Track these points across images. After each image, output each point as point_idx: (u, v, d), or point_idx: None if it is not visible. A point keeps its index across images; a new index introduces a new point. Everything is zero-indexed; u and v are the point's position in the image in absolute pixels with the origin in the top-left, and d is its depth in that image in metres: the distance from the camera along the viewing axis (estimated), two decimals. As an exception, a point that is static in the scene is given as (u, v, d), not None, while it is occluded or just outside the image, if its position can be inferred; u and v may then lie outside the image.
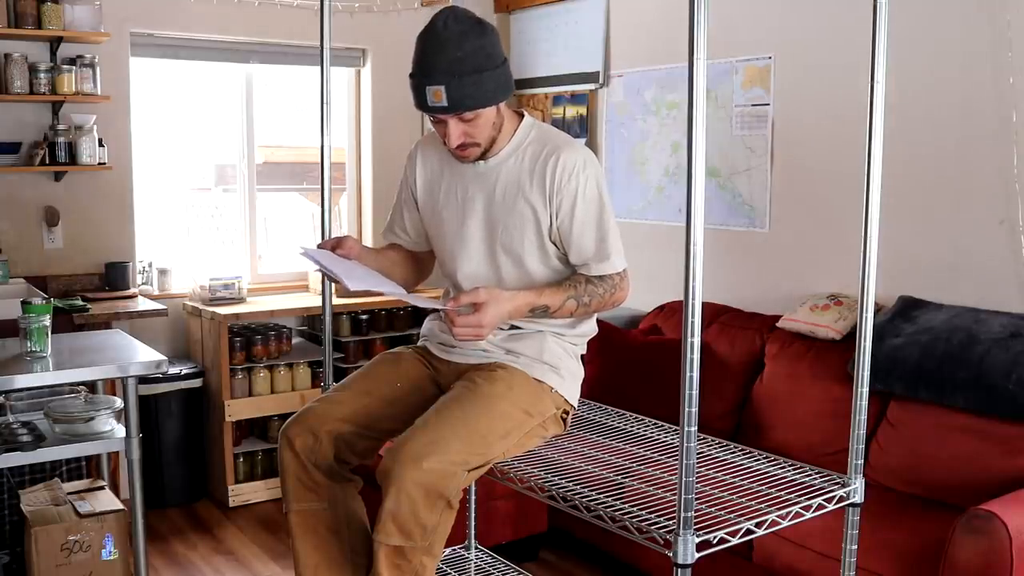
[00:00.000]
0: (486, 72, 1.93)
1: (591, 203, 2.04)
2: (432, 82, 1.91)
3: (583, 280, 2.05)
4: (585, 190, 2.04)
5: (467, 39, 1.91)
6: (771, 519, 1.68)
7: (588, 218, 2.04)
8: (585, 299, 2.04)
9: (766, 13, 3.83)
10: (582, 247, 2.05)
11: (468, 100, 1.93)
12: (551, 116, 4.85)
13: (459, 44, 1.90)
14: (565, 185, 2.03)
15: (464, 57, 1.90)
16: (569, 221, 2.04)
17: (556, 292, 2.02)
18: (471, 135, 2.01)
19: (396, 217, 2.33)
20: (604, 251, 2.05)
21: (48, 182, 4.15)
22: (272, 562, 3.71)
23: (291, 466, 2.07)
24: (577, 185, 2.03)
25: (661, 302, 4.12)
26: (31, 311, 2.69)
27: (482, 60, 1.93)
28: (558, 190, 2.03)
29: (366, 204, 5.06)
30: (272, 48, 4.64)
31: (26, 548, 2.79)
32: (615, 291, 2.08)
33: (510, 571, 2.64)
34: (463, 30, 1.91)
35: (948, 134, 3.24)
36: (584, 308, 2.06)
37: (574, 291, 2.04)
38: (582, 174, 2.04)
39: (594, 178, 2.06)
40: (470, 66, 1.91)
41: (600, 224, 2.05)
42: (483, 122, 2.00)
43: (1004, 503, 2.43)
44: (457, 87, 1.91)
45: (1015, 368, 2.78)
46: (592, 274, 2.06)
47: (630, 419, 2.30)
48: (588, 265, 2.06)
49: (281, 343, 4.42)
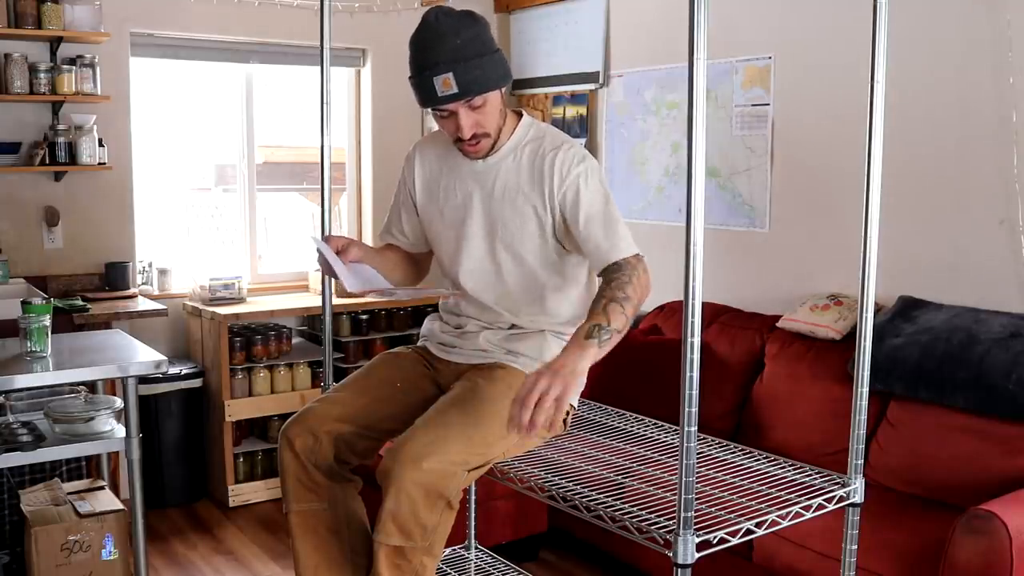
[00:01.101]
0: (487, 56, 1.95)
1: (594, 195, 2.02)
2: (439, 71, 1.92)
3: (605, 286, 1.94)
4: (587, 182, 2.02)
5: (463, 28, 1.94)
6: (771, 519, 1.68)
7: (593, 210, 2.01)
8: (620, 294, 1.88)
9: (766, 13, 3.84)
10: (590, 237, 2.00)
11: (477, 83, 1.94)
12: (551, 116, 4.85)
13: (456, 33, 1.93)
14: (566, 180, 2.02)
15: (464, 44, 1.93)
16: (575, 215, 2.02)
17: (598, 312, 1.86)
18: (482, 124, 2.01)
19: (394, 219, 2.33)
20: (614, 237, 1.99)
21: (48, 182, 4.15)
22: (272, 562, 3.71)
23: (291, 466, 2.07)
24: (578, 179, 2.02)
25: (661, 302, 4.12)
26: (31, 311, 2.69)
27: (480, 46, 1.95)
28: (559, 186, 2.03)
29: (366, 204, 5.06)
30: (272, 48, 4.64)
31: (26, 548, 2.79)
32: (638, 273, 1.94)
33: (510, 571, 2.64)
34: (456, 21, 1.95)
35: (948, 134, 3.24)
36: (630, 304, 1.88)
37: (608, 297, 1.88)
38: (580, 166, 2.03)
39: (594, 171, 2.05)
40: (472, 51, 1.93)
41: (606, 213, 2.01)
42: (491, 109, 2.01)
43: (1004, 503, 2.43)
44: (464, 71, 1.92)
45: (1015, 368, 2.78)
46: (608, 262, 1.98)
47: (630, 419, 2.30)
48: (601, 255, 2.00)
49: (281, 343, 4.42)
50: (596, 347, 1.79)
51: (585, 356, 1.78)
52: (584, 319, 2.11)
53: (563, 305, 2.15)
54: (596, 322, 1.82)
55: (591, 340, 1.79)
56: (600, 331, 1.81)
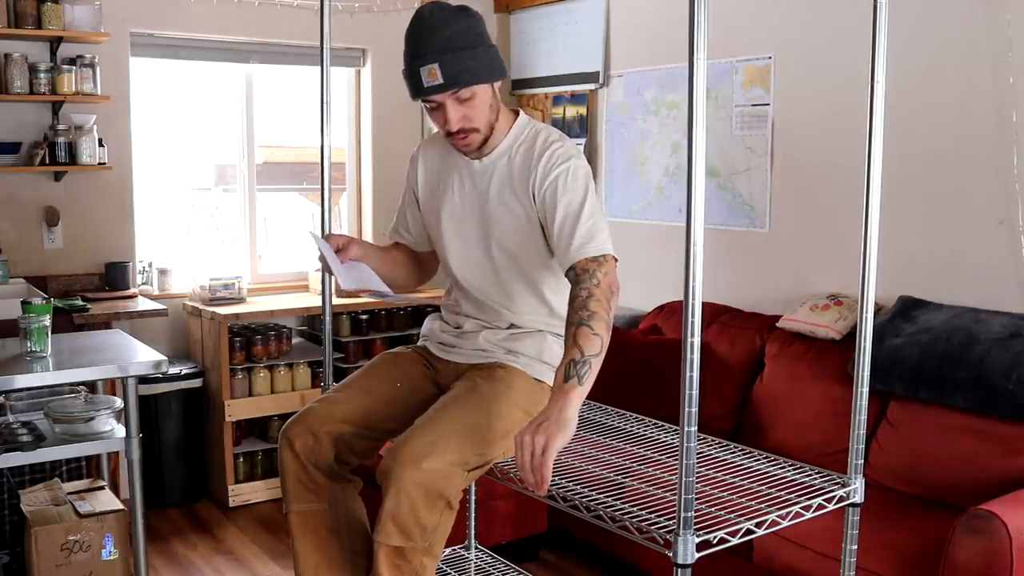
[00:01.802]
0: (478, 49, 1.95)
1: (573, 195, 1.97)
2: (425, 62, 1.92)
3: (570, 308, 1.86)
4: (567, 182, 1.97)
5: (454, 21, 1.95)
6: (771, 519, 1.68)
7: (569, 211, 1.95)
8: (585, 314, 1.81)
9: (766, 13, 3.84)
10: (560, 238, 1.95)
11: (463, 75, 1.94)
12: (551, 116, 4.85)
13: (447, 25, 1.94)
14: (547, 179, 1.99)
15: (453, 36, 1.93)
16: (552, 215, 1.97)
17: (570, 345, 1.78)
18: (470, 118, 2.00)
19: (401, 218, 2.33)
20: (577, 239, 1.93)
21: (48, 182, 4.15)
22: (272, 562, 3.71)
23: (291, 467, 2.07)
24: (557, 178, 1.98)
25: (661, 302, 4.12)
26: (31, 311, 2.69)
27: (472, 38, 1.95)
28: (540, 184, 2.00)
29: (366, 204, 5.06)
30: (272, 48, 4.64)
31: (26, 548, 2.79)
32: (596, 280, 1.86)
33: (510, 571, 2.64)
34: (448, 15, 1.96)
35: (948, 134, 3.24)
36: (599, 320, 1.81)
37: (575, 323, 1.81)
38: (563, 165, 1.99)
39: (578, 171, 2.00)
40: (461, 43, 1.93)
41: (578, 215, 1.94)
42: (480, 103, 2.00)
43: (1004, 503, 2.43)
44: (451, 62, 1.92)
45: (1015, 368, 2.78)
46: (566, 266, 1.93)
47: (630, 419, 2.30)
48: (560, 257, 1.96)
49: (281, 343, 4.43)
50: (578, 385, 1.73)
51: (569, 403, 1.71)
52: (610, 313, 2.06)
53: (561, 304, 2.13)
54: (570, 358, 1.75)
55: (570, 381, 1.73)
56: (576, 367, 1.74)
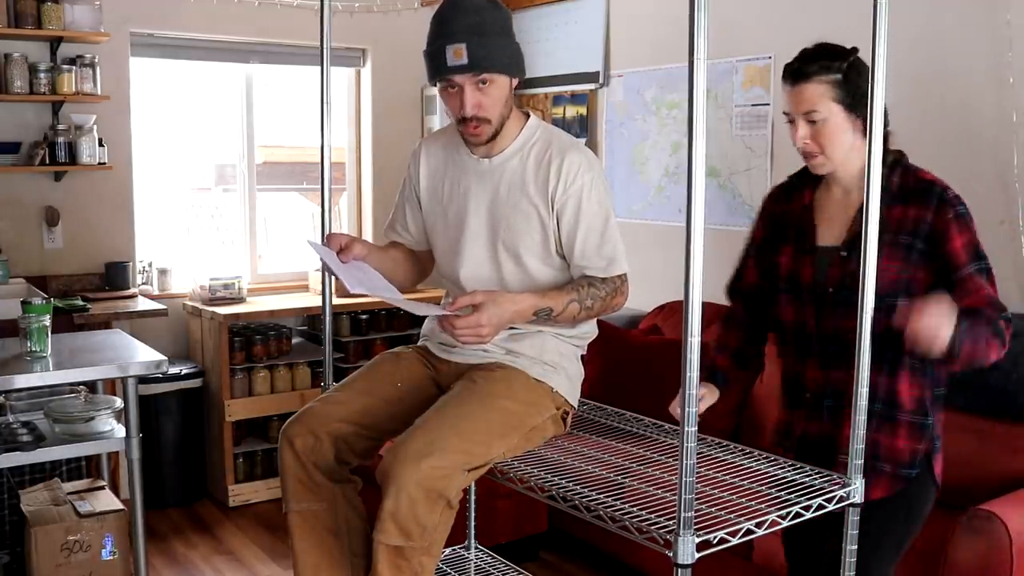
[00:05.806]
0: (505, 39, 1.99)
1: (595, 206, 2.04)
2: (453, 40, 1.94)
3: (585, 284, 2.05)
4: (589, 193, 2.04)
5: (487, 8, 1.99)
6: (771, 519, 1.67)
7: (592, 222, 2.04)
8: (588, 302, 2.03)
9: (766, 13, 3.83)
10: (585, 250, 2.05)
11: (488, 60, 1.96)
12: (551, 116, 4.84)
13: (479, 12, 1.97)
14: (569, 187, 2.03)
15: (484, 21, 1.96)
16: (573, 224, 2.04)
17: (559, 295, 2.01)
18: (485, 107, 2.01)
19: (398, 215, 2.33)
20: (607, 254, 2.05)
21: (48, 182, 4.15)
22: (272, 562, 3.71)
23: (291, 466, 2.07)
24: (581, 188, 2.03)
25: (661, 302, 4.12)
26: (31, 311, 2.69)
27: (500, 28, 1.99)
28: (562, 192, 2.04)
29: (366, 204, 5.06)
30: (272, 48, 4.64)
31: (26, 548, 2.79)
32: (616, 295, 2.07)
33: (510, 571, 2.64)
34: (481, 2, 1.99)
35: (948, 134, 3.24)
36: (587, 312, 2.04)
37: (576, 294, 2.02)
38: (586, 175, 2.04)
39: (598, 181, 2.06)
40: (490, 29, 1.96)
41: (604, 227, 2.05)
42: (497, 93, 2.01)
43: (1004, 503, 2.43)
44: (479, 45, 1.94)
45: (1015, 368, 2.78)
46: (594, 276, 2.06)
47: (630, 419, 2.30)
48: (590, 268, 2.06)
49: (281, 343, 4.43)
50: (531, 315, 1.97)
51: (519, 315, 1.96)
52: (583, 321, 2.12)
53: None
54: (549, 304, 1.98)
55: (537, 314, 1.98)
56: (547, 315, 1.99)
